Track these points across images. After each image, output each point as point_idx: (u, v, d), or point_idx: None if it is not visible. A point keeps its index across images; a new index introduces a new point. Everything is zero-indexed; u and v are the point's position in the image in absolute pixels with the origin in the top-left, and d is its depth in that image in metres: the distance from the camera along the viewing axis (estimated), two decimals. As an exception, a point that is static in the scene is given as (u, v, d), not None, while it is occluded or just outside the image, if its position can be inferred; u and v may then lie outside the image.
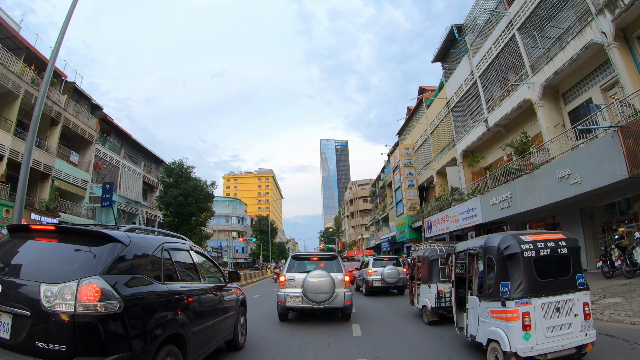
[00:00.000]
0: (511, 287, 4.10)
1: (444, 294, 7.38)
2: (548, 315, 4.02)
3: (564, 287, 4.17)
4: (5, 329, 2.56)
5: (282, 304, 8.09)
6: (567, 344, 4.03)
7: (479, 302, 4.63)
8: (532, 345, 3.90)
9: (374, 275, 14.33)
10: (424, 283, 8.18)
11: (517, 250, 4.16)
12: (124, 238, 3.08)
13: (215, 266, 5.28)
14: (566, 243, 4.31)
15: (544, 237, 4.37)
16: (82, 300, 2.52)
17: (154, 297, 3.13)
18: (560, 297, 4.10)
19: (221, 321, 4.66)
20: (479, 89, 19.31)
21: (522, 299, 4.00)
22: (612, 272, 9.95)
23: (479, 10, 18.78)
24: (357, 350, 5.60)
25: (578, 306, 4.15)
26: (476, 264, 5.02)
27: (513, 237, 4.32)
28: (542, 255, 4.17)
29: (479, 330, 4.62)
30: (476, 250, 4.88)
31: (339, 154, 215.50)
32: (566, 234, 4.51)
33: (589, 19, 11.55)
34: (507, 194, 14.78)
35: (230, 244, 58.53)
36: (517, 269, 4.14)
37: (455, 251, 5.73)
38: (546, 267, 4.20)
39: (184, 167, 26.39)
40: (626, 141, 9.09)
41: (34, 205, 18.02)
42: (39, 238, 3.10)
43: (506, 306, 4.07)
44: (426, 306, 7.82)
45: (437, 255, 8.01)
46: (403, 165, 31.68)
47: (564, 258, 4.27)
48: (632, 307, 6.63)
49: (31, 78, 17.86)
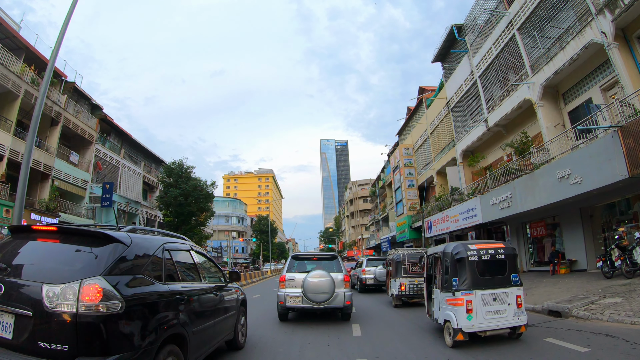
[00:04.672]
0: (459, 282, 5.52)
1: (405, 286, 10.24)
2: (486, 303, 5.40)
3: (500, 283, 5.57)
4: (7, 329, 2.58)
5: (282, 304, 8.10)
6: (502, 325, 5.43)
7: (440, 293, 6.01)
8: (473, 324, 5.31)
9: (368, 274, 15.72)
10: (393, 278, 10.95)
11: (464, 255, 5.57)
12: (125, 238, 3.09)
13: (215, 266, 5.30)
14: (504, 250, 5.71)
15: (487, 246, 5.74)
16: (84, 301, 2.54)
17: (155, 297, 3.15)
18: (496, 290, 5.49)
19: (222, 321, 4.67)
20: (479, 89, 19.31)
21: (466, 290, 5.41)
22: (612, 272, 9.95)
23: (479, 10, 18.78)
24: (357, 350, 5.60)
25: (511, 298, 5.49)
26: (439, 264, 6.23)
27: (462, 246, 5.74)
28: (483, 259, 5.59)
29: (440, 314, 5.96)
30: (438, 254, 6.25)
31: (339, 154, 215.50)
32: (506, 244, 5.94)
33: (589, 19, 11.55)
34: (507, 194, 14.78)
35: (230, 244, 58.56)
36: (463, 269, 5.55)
37: (426, 254, 7.12)
38: (487, 268, 5.61)
39: (184, 167, 26.39)
40: (626, 141, 9.09)
41: (34, 205, 18.02)
42: (40, 239, 3.11)
43: (455, 295, 5.47)
44: (393, 294, 10.67)
45: (401, 258, 10.62)
46: (403, 165, 31.68)
47: (501, 262, 5.66)
48: (632, 307, 6.63)
49: (31, 78, 17.86)
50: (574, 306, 7.44)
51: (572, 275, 12.36)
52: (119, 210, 25.97)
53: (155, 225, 31.01)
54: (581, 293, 8.66)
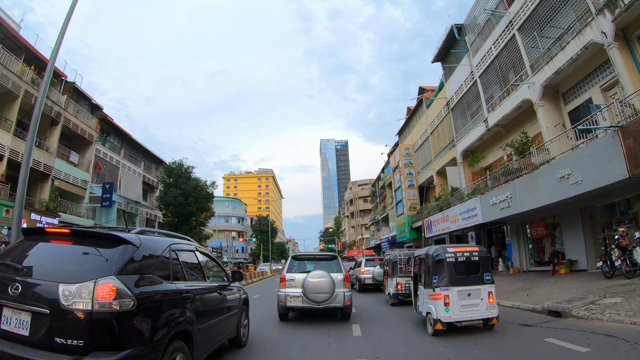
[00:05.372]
0: (438, 279, 6.40)
1: (401, 285, 10.57)
2: (462, 298, 6.27)
3: (474, 281, 6.42)
4: (24, 326, 2.70)
5: (282, 303, 8.13)
6: (475, 317, 6.34)
7: (423, 289, 6.90)
8: (450, 315, 6.16)
9: (366, 274, 15.99)
10: (389, 278, 11.31)
11: (443, 257, 6.47)
12: (135, 240, 3.23)
13: (218, 266, 5.42)
14: (478, 253, 6.60)
15: (463, 249, 6.63)
16: (98, 299, 2.68)
17: (164, 295, 3.29)
18: (470, 287, 6.36)
19: (225, 319, 4.80)
20: (479, 89, 19.31)
21: (444, 287, 6.29)
22: (612, 272, 9.95)
23: (479, 10, 18.78)
24: (358, 351, 5.59)
25: (484, 294, 6.37)
26: (423, 265, 7.10)
27: (442, 249, 6.63)
28: (459, 260, 6.48)
29: (423, 307, 6.86)
30: (422, 256, 7.15)
31: (339, 154, 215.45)
32: (480, 247, 6.83)
33: (589, 19, 11.55)
34: (507, 194, 14.78)
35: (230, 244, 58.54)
36: (442, 268, 6.44)
37: (414, 256, 8.06)
38: (462, 268, 6.50)
39: (184, 167, 26.36)
40: (626, 141, 9.09)
41: (34, 205, 18.02)
42: (53, 240, 3.27)
43: (435, 291, 6.33)
44: (390, 293, 11.01)
45: (397, 258, 10.98)
46: (403, 165, 31.67)
47: (475, 263, 6.54)
48: (633, 307, 6.62)
49: (31, 78, 17.85)
50: (574, 306, 7.44)
51: (572, 275, 12.36)
52: (119, 210, 25.97)
53: (155, 225, 31.01)
54: (581, 293, 8.66)
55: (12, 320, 2.75)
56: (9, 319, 2.76)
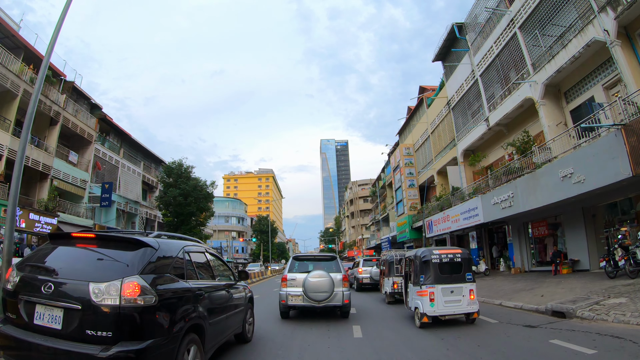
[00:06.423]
0: (425, 278, 7.16)
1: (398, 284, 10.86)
2: (445, 295, 7.00)
3: (456, 279, 7.15)
4: (57, 321, 3.02)
5: (283, 302, 8.43)
6: (457, 311, 7.09)
7: (412, 287, 7.64)
8: (435, 309, 6.92)
9: (364, 274, 16.36)
10: (386, 277, 11.86)
11: (429, 258, 7.24)
12: (154, 243, 3.57)
13: (225, 265, 5.76)
14: (460, 255, 7.32)
15: (447, 251, 7.38)
16: (125, 295, 3.01)
17: (180, 292, 3.64)
18: (453, 285, 7.09)
19: (232, 315, 5.19)
20: (480, 88, 19.20)
21: (429, 284, 7.05)
22: (615, 272, 9.85)
23: (480, 8, 18.69)
24: (358, 352, 5.52)
25: (465, 291, 7.10)
26: (412, 265, 7.82)
27: (428, 251, 7.43)
28: (443, 261, 7.22)
29: (412, 303, 7.58)
30: (412, 257, 7.88)
31: (339, 154, 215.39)
32: (463, 250, 7.58)
33: (591, 17, 11.46)
34: (508, 194, 14.68)
35: (230, 244, 58.47)
36: (428, 268, 7.19)
37: (404, 257, 8.89)
38: (446, 268, 7.23)
39: (183, 166, 26.29)
40: (630, 139, 9.00)
41: (33, 205, 17.93)
42: (79, 244, 3.59)
43: (422, 288, 7.10)
44: (387, 292, 11.51)
45: (393, 259, 11.45)
46: (403, 164, 31.56)
47: (458, 263, 7.27)
48: (638, 308, 6.52)
49: (30, 77, 17.75)
50: (578, 307, 7.34)
51: (575, 275, 12.26)
52: (119, 210, 25.88)
53: (155, 225, 30.93)
54: (585, 293, 8.55)
55: (45, 316, 3.05)
56: (42, 315, 3.07)
